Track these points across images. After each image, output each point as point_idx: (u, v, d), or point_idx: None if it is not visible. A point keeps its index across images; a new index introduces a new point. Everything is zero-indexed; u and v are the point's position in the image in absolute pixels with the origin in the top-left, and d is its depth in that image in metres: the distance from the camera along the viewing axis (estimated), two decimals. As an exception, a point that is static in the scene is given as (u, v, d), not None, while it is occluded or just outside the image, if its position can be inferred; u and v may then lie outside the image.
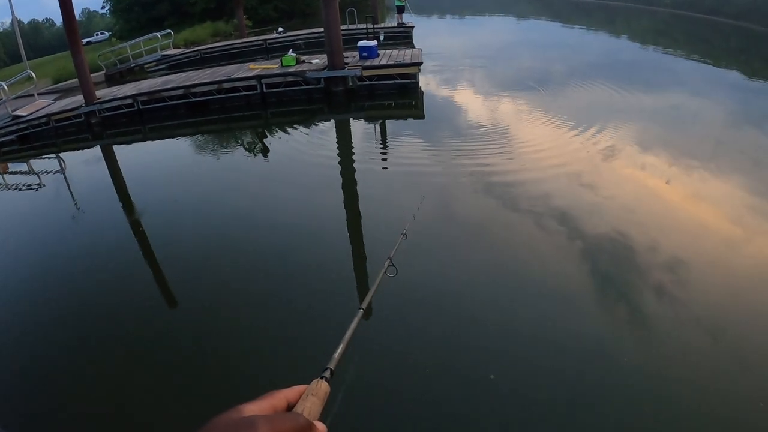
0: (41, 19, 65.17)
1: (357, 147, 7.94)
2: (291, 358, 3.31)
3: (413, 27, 17.12)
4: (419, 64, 9.88)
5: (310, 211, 5.66)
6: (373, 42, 11.11)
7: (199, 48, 18.14)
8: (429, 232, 4.61)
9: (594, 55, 14.40)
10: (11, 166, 9.94)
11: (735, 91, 10.03)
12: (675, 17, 23.26)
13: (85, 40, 26.87)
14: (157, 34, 17.16)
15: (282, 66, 10.89)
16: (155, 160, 9.00)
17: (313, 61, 10.99)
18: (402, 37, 16.32)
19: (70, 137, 10.51)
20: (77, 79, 10.94)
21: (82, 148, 10.27)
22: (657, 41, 17.73)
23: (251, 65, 11.64)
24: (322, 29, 10.53)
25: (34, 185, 8.62)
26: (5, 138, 10.35)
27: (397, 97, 10.05)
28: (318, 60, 11.02)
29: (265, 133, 9.47)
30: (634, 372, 2.98)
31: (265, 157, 8.39)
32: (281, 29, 18.84)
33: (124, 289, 4.56)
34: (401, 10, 17.72)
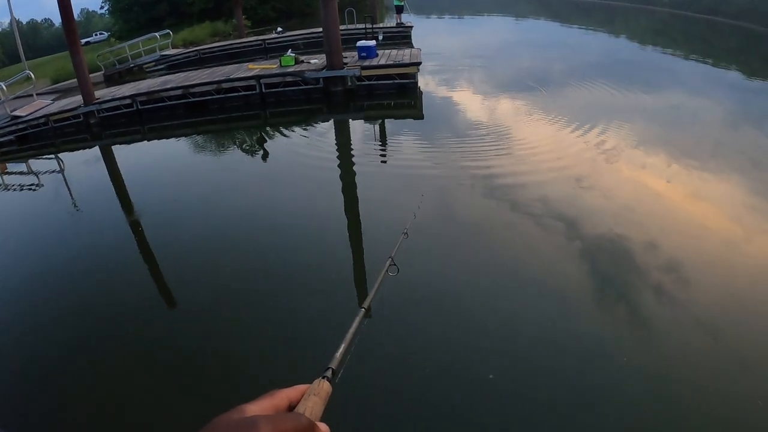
0: (40, 19, 65.20)
1: (356, 147, 7.93)
2: (291, 358, 3.30)
3: (412, 27, 17.15)
4: (418, 64, 9.88)
5: (309, 211, 5.65)
6: (372, 42, 11.11)
7: (198, 48, 18.13)
8: (429, 231, 4.61)
9: (593, 55, 14.40)
10: (10, 166, 9.92)
11: (734, 91, 10.03)
12: (674, 17, 23.30)
13: (84, 40, 26.80)
14: (156, 34, 17.13)
15: (281, 66, 10.88)
16: (154, 160, 8.99)
17: (312, 61, 10.98)
18: (401, 37, 16.33)
19: (68, 137, 10.49)
20: (76, 80, 10.93)
21: (81, 148, 10.26)
22: (656, 41, 17.76)
23: (250, 65, 11.63)
24: (320, 29, 10.54)
25: (33, 186, 8.61)
26: (4, 138, 10.33)
27: (396, 97, 10.05)
28: (317, 60, 11.01)
29: (264, 133, 9.47)
30: (634, 372, 2.98)
31: (265, 157, 8.39)
32: (280, 29, 18.84)
33: (124, 289, 4.56)
34: (400, 10, 17.73)
